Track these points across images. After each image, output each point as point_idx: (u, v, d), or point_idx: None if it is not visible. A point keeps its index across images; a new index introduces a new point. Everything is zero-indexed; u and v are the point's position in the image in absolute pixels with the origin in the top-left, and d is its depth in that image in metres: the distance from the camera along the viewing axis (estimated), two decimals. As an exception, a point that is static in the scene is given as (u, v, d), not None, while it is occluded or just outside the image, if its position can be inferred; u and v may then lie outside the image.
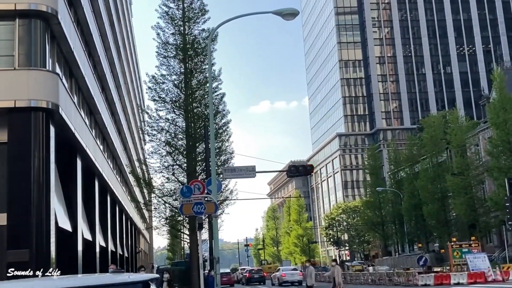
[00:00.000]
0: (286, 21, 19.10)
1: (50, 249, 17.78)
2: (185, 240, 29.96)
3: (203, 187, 19.76)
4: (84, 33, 26.25)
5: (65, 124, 19.87)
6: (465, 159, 49.29)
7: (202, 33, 27.48)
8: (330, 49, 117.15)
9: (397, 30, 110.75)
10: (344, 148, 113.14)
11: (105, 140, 34.38)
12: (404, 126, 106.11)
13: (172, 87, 26.92)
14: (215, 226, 19.35)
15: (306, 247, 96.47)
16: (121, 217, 44.22)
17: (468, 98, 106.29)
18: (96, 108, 28.50)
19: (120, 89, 42.54)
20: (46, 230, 17.63)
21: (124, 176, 46.12)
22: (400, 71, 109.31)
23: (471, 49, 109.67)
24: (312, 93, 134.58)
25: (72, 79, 23.93)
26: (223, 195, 27.33)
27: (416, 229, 60.63)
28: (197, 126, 26.59)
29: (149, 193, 30.59)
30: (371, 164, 71.86)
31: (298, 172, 23.86)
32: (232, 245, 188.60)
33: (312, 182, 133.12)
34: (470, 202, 47.89)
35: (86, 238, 25.72)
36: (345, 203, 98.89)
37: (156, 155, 26.75)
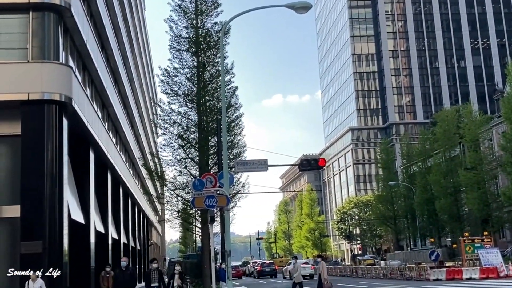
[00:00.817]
0: (299, 14, 19.04)
1: (63, 241, 17.91)
2: (197, 233, 30.04)
3: (215, 181, 19.79)
4: (97, 26, 26.33)
5: (78, 116, 19.97)
6: (478, 154, 48.97)
7: (215, 27, 27.42)
8: (343, 43, 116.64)
9: (411, 24, 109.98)
10: (356, 142, 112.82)
11: (117, 133, 34.54)
12: (417, 120, 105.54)
13: (184, 80, 26.91)
14: (227, 220, 19.40)
15: (318, 241, 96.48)
16: (134, 210, 44.45)
17: (482, 93, 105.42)
18: (109, 101, 28.61)
19: (133, 82, 42.67)
20: (59, 222, 17.76)
21: (136, 169, 46.34)
22: (413, 65, 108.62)
23: (486, 43, 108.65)
24: (325, 87, 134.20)
25: (85, 72, 24.04)
26: (235, 188, 27.33)
27: (428, 224, 60.40)
28: (210, 119, 26.58)
29: (162, 186, 30.66)
30: (383, 158, 71.65)
31: (310, 166, 23.85)
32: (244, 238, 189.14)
33: (324, 176, 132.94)
34: (483, 197, 47.61)
35: (98, 230, 25.90)
36: (357, 197, 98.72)
37: (169, 148, 26.79)
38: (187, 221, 29.92)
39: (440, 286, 26.42)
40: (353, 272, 47.70)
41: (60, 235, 17.76)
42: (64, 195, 18.24)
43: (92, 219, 23.95)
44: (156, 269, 18.21)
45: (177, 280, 19.94)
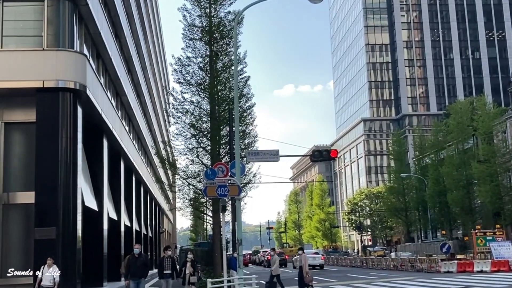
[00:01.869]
0: (312, 4, 18.99)
1: (76, 228, 18.13)
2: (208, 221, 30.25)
3: (226, 170, 19.87)
4: (111, 14, 26.41)
5: (92, 104, 20.12)
6: (492, 146, 48.68)
7: (228, 16, 27.36)
8: (357, 32, 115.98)
9: (425, 14, 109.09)
10: (368, 133, 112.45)
11: (130, 121, 34.72)
12: (431, 112, 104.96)
13: (197, 69, 26.93)
14: (238, 209, 19.49)
15: (328, 232, 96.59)
16: (146, 198, 44.75)
17: (496, 85, 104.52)
18: (122, 90, 28.76)
19: (146, 71, 42.80)
20: (73, 208, 17.96)
21: (149, 157, 46.58)
22: (427, 56, 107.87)
23: (501, 34, 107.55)
24: (338, 77, 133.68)
25: (99, 60, 24.16)
26: (246, 178, 27.39)
27: (440, 216, 60.23)
28: (222, 109, 26.62)
29: (173, 174, 30.83)
30: (395, 150, 71.41)
31: (321, 157, 23.79)
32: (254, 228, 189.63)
33: (335, 167, 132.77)
34: (495, 189, 47.37)
35: (111, 217, 26.14)
36: (368, 189, 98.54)
37: (181, 137, 26.87)
38: (198, 209, 30.07)
39: (451, 278, 26.42)
40: (363, 263, 47.77)
41: (74, 221, 17.97)
42: (78, 182, 18.43)
43: (105, 206, 24.17)
44: (169, 257, 18.38)
45: (189, 268, 20.13)
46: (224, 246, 19.66)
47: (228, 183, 18.37)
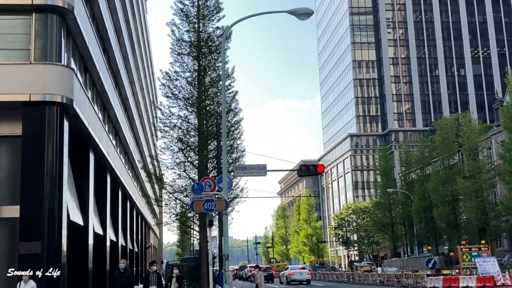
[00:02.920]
0: (300, 20, 19.15)
1: (61, 242, 17.97)
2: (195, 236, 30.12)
3: (214, 184, 19.84)
4: (99, 28, 26.43)
5: (79, 118, 20.05)
6: (477, 162, 49.06)
7: (217, 31, 27.54)
8: (344, 49, 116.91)
9: (412, 31, 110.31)
10: (355, 149, 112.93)
11: (117, 135, 34.61)
12: (416, 128, 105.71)
13: (185, 84, 27.01)
14: (225, 224, 19.45)
15: (315, 247, 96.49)
16: (132, 212, 44.49)
17: (482, 101, 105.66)
18: (109, 103, 28.70)
19: (134, 85, 42.77)
20: (58, 223, 17.82)
21: (135, 171, 46.39)
22: (413, 72, 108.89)
23: (486, 52, 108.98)
24: (325, 92, 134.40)
25: (86, 74, 24.12)
26: (233, 192, 27.39)
27: (426, 231, 60.45)
28: (209, 123, 26.66)
29: (160, 189, 30.72)
30: (382, 165, 71.74)
31: (309, 172, 23.83)
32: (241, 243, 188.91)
33: (322, 182, 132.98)
34: (481, 205, 47.68)
35: (97, 232, 25.94)
36: (355, 204, 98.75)
37: (168, 151, 26.87)
38: (185, 224, 29.97)
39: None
40: (350, 278, 47.74)
41: (59, 236, 17.81)
42: (63, 197, 18.30)
43: (90, 221, 24.00)
44: (155, 272, 18.27)
45: (174, 283, 20.01)
46: (210, 261, 19.57)
47: (215, 197, 18.34)
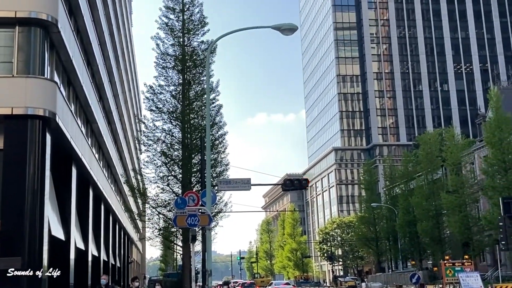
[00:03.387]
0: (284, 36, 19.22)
1: (42, 257, 17.70)
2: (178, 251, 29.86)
3: (197, 199, 19.71)
4: (84, 42, 26.31)
5: (61, 132, 19.87)
6: (460, 177, 49.35)
7: (201, 45, 27.64)
8: (328, 63, 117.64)
9: (395, 47, 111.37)
10: (340, 163, 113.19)
11: (101, 149, 34.34)
12: (400, 142, 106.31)
13: (169, 97, 27.01)
14: (209, 239, 19.32)
15: (300, 262, 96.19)
16: (115, 227, 44.05)
17: (465, 116, 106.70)
18: (93, 117, 28.51)
19: (118, 98, 42.57)
20: (39, 238, 17.56)
21: (118, 185, 46.01)
22: (397, 87, 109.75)
23: (469, 67, 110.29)
24: (310, 106, 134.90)
25: (70, 87, 23.95)
26: (217, 207, 27.29)
27: (410, 246, 60.55)
28: (193, 137, 26.62)
29: (143, 203, 30.52)
30: (366, 180, 71.91)
31: (293, 186, 23.81)
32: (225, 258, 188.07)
33: (307, 196, 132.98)
34: (464, 220, 47.88)
35: (78, 247, 25.61)
36: (339, 218, 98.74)
37: (152, 165, 26.78)
38: (168, 239, 29.76)
39: (420, 309, 26.43)
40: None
41: (40, 251, 17.55)
42: (45, 211, 18.05)
43: (72, 236, 23.69)
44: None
45: (157, 299, 19.78)
46: (193, 277, 19.40)
47: (199, 212, 18.22)
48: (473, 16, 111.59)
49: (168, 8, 27.82)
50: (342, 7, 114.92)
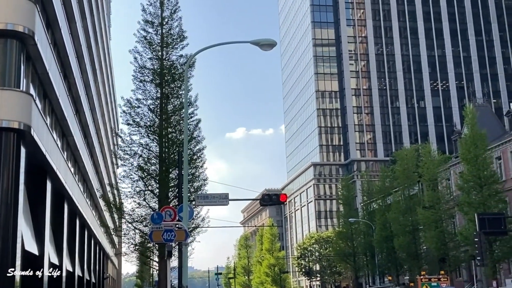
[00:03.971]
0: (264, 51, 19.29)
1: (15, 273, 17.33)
2: (154, 267, 29.53)
3: (174, 214, 19.55)
4: (61, 54, 26.11)
5: (36, 145, 19.61)
6: (436, 193, 49.76)
7: (180, 59, 27.60)
8: (307, 79, 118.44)
9: (373, 64, 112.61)
10: (318, 178, 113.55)
11: (76, 162, 33.98)
12: (378, 158, 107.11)
13: (147, 111, 26.86)
14: (185, 254, 19.14)
15: (278, 277, 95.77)
16: (90, 242, 43.48)
17: (441, 133, 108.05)
18: (69, 130, 28.22)
19: (95, 112, 42.25)
20: (12, 252, 17.24)
21: (94, 200, 45.50)
22: (375, 103, 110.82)
23: (445, 84, 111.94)
24: (289, 122, 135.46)
25: (46, 100, 23.70)
26: (194, 222, 27.09)
27: (387, 261, 60.71)
28: (171, 151, 26.47)
29: (119, 218, 30.18)
30: (344, 195, 72.09)
31: (271, 201, 23.78)
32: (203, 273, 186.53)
33: (286, 211, 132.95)
34: (440, 236, 48.22)
35: (53, 262, 25.18)
36: (318, 233, 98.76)
37: (128, 179, 26.52)
38: (144, 254, 29.43)
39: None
40: (311, 309, 47.44)
41: (13, 266, 17.19)
42: (18, 225, 17.74)
43: (46, 251, 23.30)
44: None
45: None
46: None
47: (176, 227, 18.06)
48: (450, 34, 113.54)
49: (146, 21, 27.78)
50: (321, 24, 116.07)
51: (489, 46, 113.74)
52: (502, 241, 41.85)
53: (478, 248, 34.87)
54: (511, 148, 49.47)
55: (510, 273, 47.78)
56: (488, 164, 43.56)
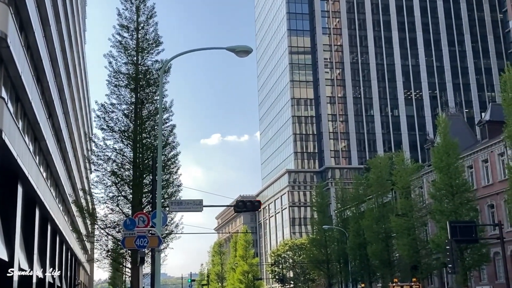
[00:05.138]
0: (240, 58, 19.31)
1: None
2: (126, 273, 29.22)
3: (147, 220, 19.38)
4: (34, 58, 25.76)
5: (7, 149, 19.27)
6: (409, 201, 50.22)
7: (155, 64, 27.47)
8: (283, 86, 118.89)
9: (348, 72, 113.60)
10: (293, 185, 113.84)
11: (49, 167, 33.50)
12: (352, 165, 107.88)
13: (121, 116, 26.64)
14: (158, 261, 18.97)
15: (251, 284, 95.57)
16: (61, 248, 42.85)
17: (414, 141, 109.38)
18: (41, 134, 27.81)
19: (68, 116, 41.75)
20: (-20, 259, 16.88)
21: (67, 205, 44.88)
22: (349, 111, 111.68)
23: (418, 94, 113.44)
24: (264, 128, 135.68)
25: (18, 103, 23.34)
26: (168, 228, 26.91)
27: (360, 268, 61.03)
28: (145, 157, 26.28)
29: (92, 224, 29.83)
30: (318, 202, 72.35)
31: (245, 208, 23.76)
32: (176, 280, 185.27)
33: (260, 218, 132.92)
34: (413, 243, 48.65)
35: (23, 268, 24.71)
36: (292, 240, 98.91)
37: (101, 185, 26.25)
38: (117, 261, 29.10)
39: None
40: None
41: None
42: (-14, 231, 17.39)
43: (16, 257, 22.86)
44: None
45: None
46: (141, 299, 18.97)
47: (149, 233, 17.90)
48: (423, 44, 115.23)
49: (122, 26, 27.60)
50: (297, 32, 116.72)
51: (462, 56, 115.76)
52: (473, 249, 42.41)
53: (450, 255, 35.27)
54: (482, 157, 50.28)
55: (480, 281, 48.47)
56: (460, 173, 44.16)
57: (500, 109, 45.22)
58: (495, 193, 48.04)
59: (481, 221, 46.82)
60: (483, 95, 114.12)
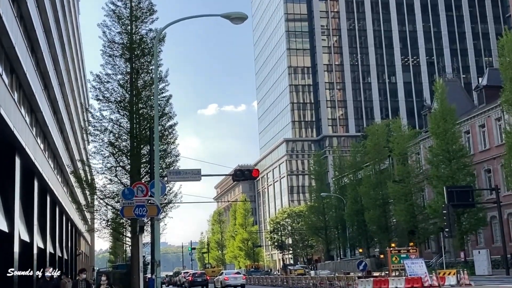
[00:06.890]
0: (236, 25, 19.14)
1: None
2: (126, 243, 29.53)
3: (146, 190, 19.48)
4: (28, 28, 25.50)
5: (3, 121, 19.24)
6: (406, 167, 50.54)
7: (150, 33, 27.25)
8: (280, 55, 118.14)
9: (345, 39, 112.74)
10: (291, 154, 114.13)
11: (46, 139, 33.48)
12: (349, 133, 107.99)
13: (117, 86, 26.53)
14: (157, 230, 19.15)
15: (251, 251, 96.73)
16: (61, 219, 43.14)
17: (411, 108, 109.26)
18: (37, 106, 27.72)
19: (64, 87, 41.51)
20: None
21: (65, 176, 45.01)
22: (347, 79, 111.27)
23: (415, 60, 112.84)
24: (261, 98, 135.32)
25: (12, 75, 23.21)
26: (167, 198, 27.07)
27: (358, 234, 61.74)
28: (142, 127, 26.27)
29: (91, 194, 29.99)
30: (316, 170, 72.77)
31: (243, 176, 23.89)
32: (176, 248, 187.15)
33: (258, 187, 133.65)
34: (410, 209, 49.12)
35: (23, 239, 24.95)
36: (290, 208, 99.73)
37: (99, 155, 26.30)
38: (116, 230, 29.34)
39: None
40: (283, 282, 48.05)
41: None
42: (-14, 203, 17.50)
43: (16, 228, 23.05)
44: (84, 280, 17.74)
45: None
46: (141, 268, 19.22)
47: (148, 203, 18.03)
48: (420, 10, 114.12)
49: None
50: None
51: (459, 21, 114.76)
52: (470, 213, 42.87)
53: (447, 220, 35.66)
54: (479, 123, 50.38)
55: (477, 244, 49.06)
56: (457, 138, 44.36)
57: (497, 74, 45.14)
58: (492, 158, 48.31)
59: (478, 185, 47.16)
60: (481, 60, 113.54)
